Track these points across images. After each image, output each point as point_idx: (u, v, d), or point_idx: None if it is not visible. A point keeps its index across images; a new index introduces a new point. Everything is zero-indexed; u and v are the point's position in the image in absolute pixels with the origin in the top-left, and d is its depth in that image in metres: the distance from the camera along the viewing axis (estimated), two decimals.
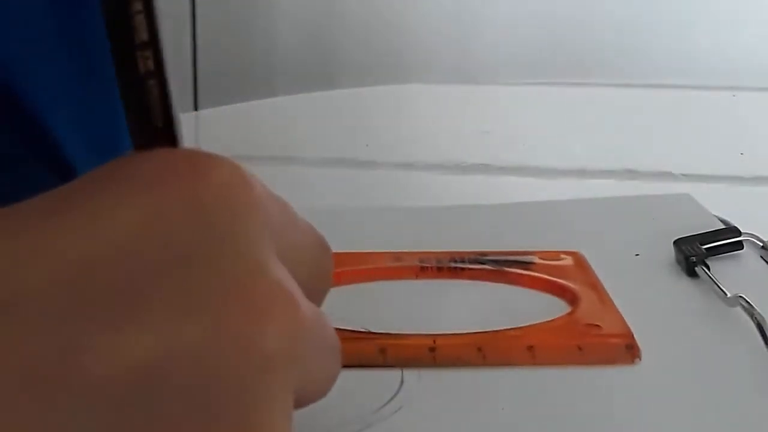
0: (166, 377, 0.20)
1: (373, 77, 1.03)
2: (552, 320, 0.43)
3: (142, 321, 0.20)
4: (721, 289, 0.46)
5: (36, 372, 0.19)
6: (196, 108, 0.49)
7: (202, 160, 0.22)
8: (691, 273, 0.49)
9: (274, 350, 0.21)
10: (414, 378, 0.39)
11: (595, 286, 0.46)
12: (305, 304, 0.22)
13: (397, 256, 0.50)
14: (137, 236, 0.20)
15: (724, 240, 0.51)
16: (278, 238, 0.23)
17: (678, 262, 0.50)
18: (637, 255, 0.52)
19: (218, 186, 0.21)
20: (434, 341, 0.41)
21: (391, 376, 0.39)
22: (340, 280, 0.47)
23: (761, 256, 0.52)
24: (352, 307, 0.44)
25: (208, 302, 0.20)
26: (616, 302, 0.44)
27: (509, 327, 0.42)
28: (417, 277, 0.49)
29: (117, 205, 0.21)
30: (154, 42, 0.22)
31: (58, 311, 0.20)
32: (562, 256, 0.50)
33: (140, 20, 0.21)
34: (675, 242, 0.51)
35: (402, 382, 0.39)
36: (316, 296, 0.25)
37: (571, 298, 0.45)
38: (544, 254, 0.50)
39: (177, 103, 0.23)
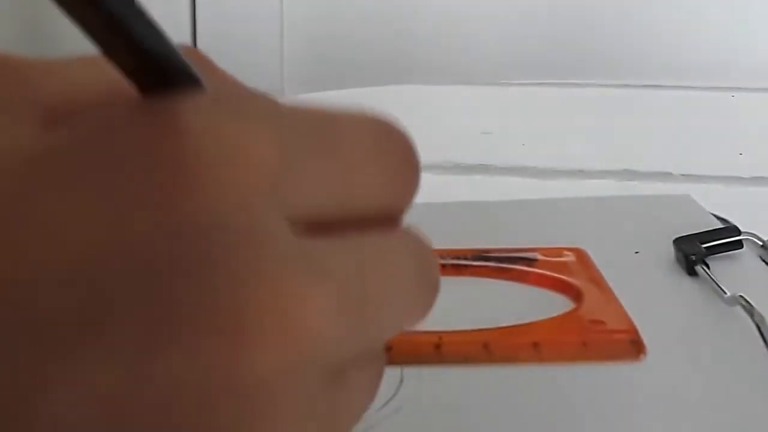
0: (135, 416, 0.17)
1: (374, 77, 1.04)
2: (556, 317, 0.43)
3: (106, 348, 0.17)
4: (721, 288, 0.46)
5: None
6: None
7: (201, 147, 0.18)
8: (691, 272, 0.49)
9: (262, 380, 0.17)
10: (414, 377, 0.39)
11: (599, 282, 0.46)
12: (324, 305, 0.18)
13: None
14: (102, 243, 0.17)
15: (724, 239, 0.52)
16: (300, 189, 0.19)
17: (678, 260, 0.51)
18: (636, 253, 0.52)
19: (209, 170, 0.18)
20: (440, 338, 0.41)
21: (391, 375, 0.40)
22: None
23: (760, 256, 0.52)
24: None
25: (184, 324, 0.17)
26: None
27: (514, 324, 0.42)
28: None
29: (87, 203, 0.18)
30: None
31: (9, 339, 0.17)
32: (565, 252, 0.50)
33: None
34: (675, 241, 0.51)
35: (401, 381, 0.39)
36: (393, 216, 0.21)
37: (575, 294, 0.46)
38: (546, 251, 0.50)
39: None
